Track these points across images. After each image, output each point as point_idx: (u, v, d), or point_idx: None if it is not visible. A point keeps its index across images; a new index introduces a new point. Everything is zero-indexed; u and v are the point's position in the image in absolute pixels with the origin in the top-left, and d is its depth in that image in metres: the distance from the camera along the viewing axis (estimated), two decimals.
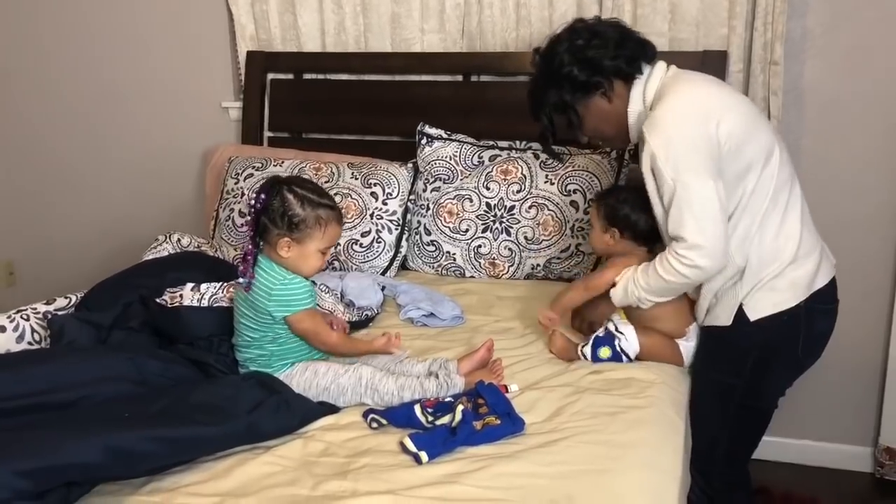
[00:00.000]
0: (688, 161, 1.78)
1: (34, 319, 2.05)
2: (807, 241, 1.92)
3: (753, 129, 1.86)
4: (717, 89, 1.92)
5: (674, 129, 1.81)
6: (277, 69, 3.03)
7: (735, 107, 1.87)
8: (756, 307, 1.90)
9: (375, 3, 2.86)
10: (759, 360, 1.94)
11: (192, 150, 3.24)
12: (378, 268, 2.60)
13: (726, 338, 1.95)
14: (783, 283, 1.89)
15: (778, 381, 2.03)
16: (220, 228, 2.76)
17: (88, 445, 1.45)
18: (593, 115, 1.96)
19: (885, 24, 2.47)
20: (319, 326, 1.86)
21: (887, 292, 2.64)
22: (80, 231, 3.48)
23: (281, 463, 1.58)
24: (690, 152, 1.79)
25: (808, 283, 1.91)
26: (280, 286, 1.81)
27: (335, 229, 1.86)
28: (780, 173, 1.89)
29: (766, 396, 2.04)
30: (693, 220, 1.79)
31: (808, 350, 2.00)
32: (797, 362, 2.02)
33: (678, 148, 1.79)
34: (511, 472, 1.51)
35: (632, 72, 1.93)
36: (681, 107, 1.83)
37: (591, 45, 1.91)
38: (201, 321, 2.01)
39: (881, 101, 2.52)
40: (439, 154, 2.68)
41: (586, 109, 1.95)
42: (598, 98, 1.94)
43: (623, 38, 1.94)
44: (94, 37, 3.25)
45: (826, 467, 2.81)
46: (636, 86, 1.93)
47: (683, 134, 1.80)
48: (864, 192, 2.60)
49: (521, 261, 2.54)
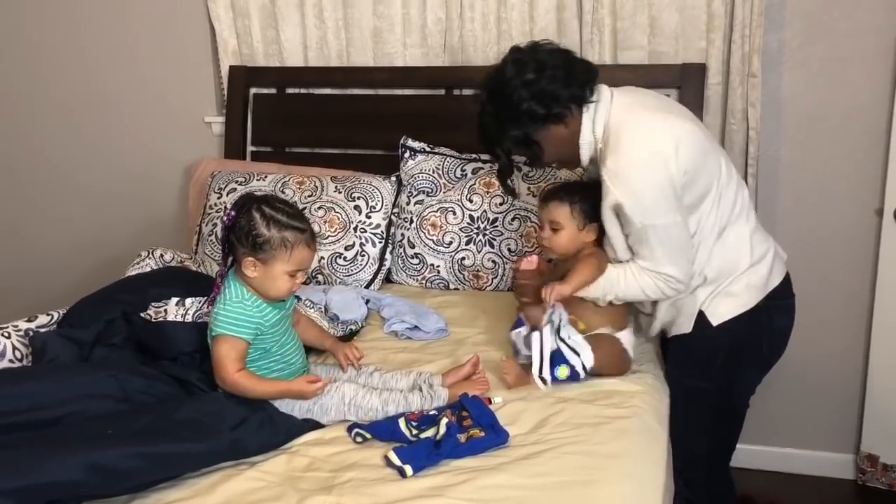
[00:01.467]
0: (655, 207, 1.83)
1: (15, 337, 2.03)
2: (758, 245, 1.99)
3: (704, 157, 1.89)
4: (668, 127, 1.88)
5: (637, 180, 1.83)
6: (260, 84, 3.03)
7: (686, 142, 1.86)
8: (717, 312, 1.96)
9: (357, 17, 2.87)
10: (727, 362, 2.00)
11: (174, 164, 3.23)
12: (362, 281, 2.60)
13: (692, 343, 2.00)
14: (739, 286, 1.96)
15: (747, 381, 2.10)
16: (203, 243, 2.76)
17: (71, 463, 1.45)
18: (552, 143, 1.94)
19: (860, 37, 2.51)
20: (230, 362, 1.74)
21: (866, 301, 2.67)
22: (62, 247, 3.46)
23: (265, 478, 1.58)
24: (658, 198, 1.83)
25: (763, 284, 1.97)
26: (231, 304, 1.77)
27: (302, 252, 1.77)
28: (729, 192, 1.95)
29: (737, 397, 2.10)
30: (666, 255, 1.87)
31: (772, 346, 2.08)
32: (763, 360, 2.09)
33: (644, 196, 1.83)
34: (495, 484, 1.52)
35: (585, 96, 1.91)
36: (638, 154, 1.84)
37: (544, 77, 1.88)
38: (185, 336, 2.00)
39: (858, 112, 2.56)
40: (422, 167, 2.69)
41: (546, 140, 1.93)
42: (555, 128, 1.92)
43: (569, 64, 1.92)
44: (76, 52, 3.24)
45: (809, 475, 2.83)
46: (585, 116, 1.92)
47: (647, 183, 1.82)
48: (841, 201, 2.63)
49: (505, 272, 2.55)
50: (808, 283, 2.69)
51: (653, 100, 1.99)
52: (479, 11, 2.75)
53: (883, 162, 2.56)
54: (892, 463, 2.72)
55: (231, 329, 1.76)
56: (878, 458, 2.73)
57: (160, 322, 2.06)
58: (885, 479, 2.73)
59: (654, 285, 1.91)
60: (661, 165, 1.82)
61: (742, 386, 2.09)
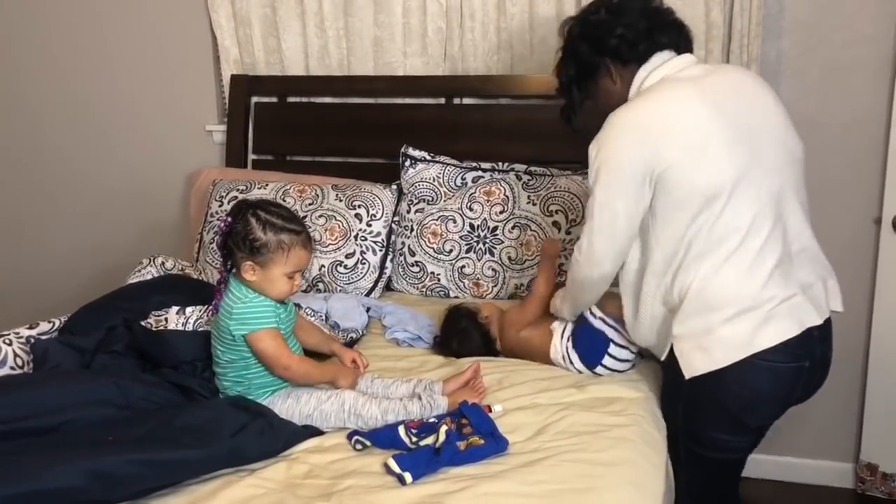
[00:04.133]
0: (605, 176, 1.76)
1: (17, 344, 2.04)
2: (746, 297, 1.70)
3: (696, 167, 1.69)
4: (683, 111, 1.72)
5: (607, 141, 1.77)
6: (261, 92, 3.05)
7: (685, 137, 1.70)
8: (690, 364, 1.73)
9: (358, 27, 2.89)
10: (687, 405, 1.82)
11: (176, 173, 3.24)
12: (363, 289, 2.61)
13: (667, 371, 1.90)
14: (711, 342, 1.71)
15: (710, 433, 1.82)
16: (205, 251, 2.77)
17: (72, 470, 1.45)
18: (603, 93, 1.91)
19: (858, 46, 2.52)
20: (280, 349, 1.81)
21: (864, 309, 2.67)
22: (63, 254, 3.46)
23: (265, 485, 1.58)
24: (612, 169, 1.75)
25: (744, 343, 1.69)
26: (240, 304, 1.81)
27: (299, 254, 1.82)
28: (728, 218, 1.70)
29: (708, 446, 1.84)
30: (589, 228, 1.82)
31: (746, 408, 1.77)
32: (732, 418, 1.78)
33: (603, 160, 1.76)
34: (495, 492, 1.52)
35: (631, 57, 1.84)
36: (626, 121, 1.76)
37: (600, 22, 1.86)
38: (186, 345, 2.01)
39: (856, 121, 2.57)
40: (423, 176, 2.70)
41: (597, 86, 1.92)
42: (603, 77, 1.89)
43: (637, 20, 1.84)
44: (78, 60, 3.26)
45: (808, 483, 2.83)
46: (637, 75, 1.84)
47: (614, 149, 1.75)
48: (839, 210, 2.64)
49: (505, 281, 2.56)
50: None
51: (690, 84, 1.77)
52: (479, 21, 2.77)
53: (881, 170, 2.57)
54: (892, 472, 2.72)
55: (259, 323, 1.80)
56: (878, 467, 2.73)
57: (161, 331, 2.07)
58: (885, 487, 2.73)
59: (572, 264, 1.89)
60: (637, 142, 1.72)
61: (706, 435, 1.82)
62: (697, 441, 1.85)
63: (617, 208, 1.77)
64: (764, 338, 1.70)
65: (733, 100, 1.78)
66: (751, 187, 1.72)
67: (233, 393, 1.87)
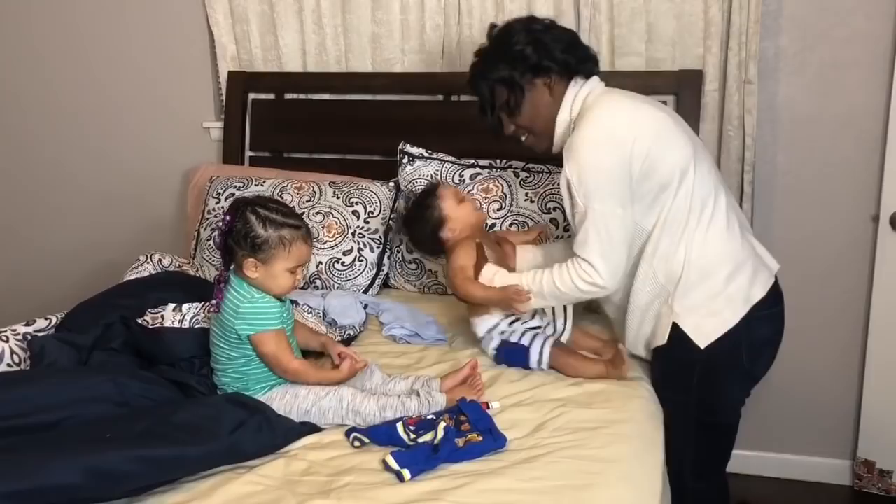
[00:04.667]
0: (599, 189, 1.83)
1: (14, 341, 2.04)
2: (734, 253, 1.92)
3: (666, 149, 1.87)
4: (633, 111, 1.91)
5: (587, 158, 1.84)
6: (258, 89, 3.04)
7: (648, 128, 1.87)
8: (703, 332, 1.90)
9: (356, 23, 2.88)
10: (704, 374, 1.93)
11: (173, 169, 3.24)
12: (360, 286, 2.60)
13: (669, 355, 1.96)
14: (719, 303, 1.90)
15: (728, 394, 2.01)
16: (202, 248, 2.76)
17: (69, 467, 1.45)
18: (533, 101, 1.97)
19: (856, 43, 2.52)
20: (282, 352, 1.83)
21: (862, 306, 2.68)
22: (60, 251, 3.46)
23: (263, 482, 1.58)
24: (602, 181, 1.83)
25: (745, 297, 1.91)
26: (247, 304, 1.81)
27: (300, 248, 1.83)
28: (699, 189, 1.90)
29: (720, 410, 2.02)
30: (598, 244, 1.84)
31: (754, 358, 1.98)
32: (745, 373, 2.00)
33: (590, 176, 1.83)
34: (493, 488, 1.52)
35: (577, 71, 1.96)
36: (595, 134, 1.86)
37: (547, 34, 1.97)
38: (183, 343, 2.01)
39: (853, 118, 2.57)
40: (420, 173, 2.69)
41: (528, 94, 1.96)
42: (541, 86, 1.96)
43: (575, 43, 2.00)
44: (75, 57, 3.25)
45: (805, 480, 2.84)
46: (570, 91, 1.96)
47: (596, 163, 1.84)
48: (837, 207, 2.64)
49: None
50: (804, 289, 2.71)
51: (631, 95, 1.98)
52: (477, 17, 2.77)
53: (879, 168, 2.57)
54: (889, 469, 2.72)
55: (264, 325, 1.81)
56: (875, 464, 2.73)
57: (158, 328, 2.06)
58: (882, 484, 2.74)
59: (568, 281, 1.88)
60: (614, 149, 1.83)
61: (723, 399, 2.00)
62: (712, 411, 1.98)
63: (620, 215, 1.85)
64: (757, 289, 1.92)
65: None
66: (702, 161, 1.94)
67: (231, 389, 1.87)
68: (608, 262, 1.85)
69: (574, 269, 1.88)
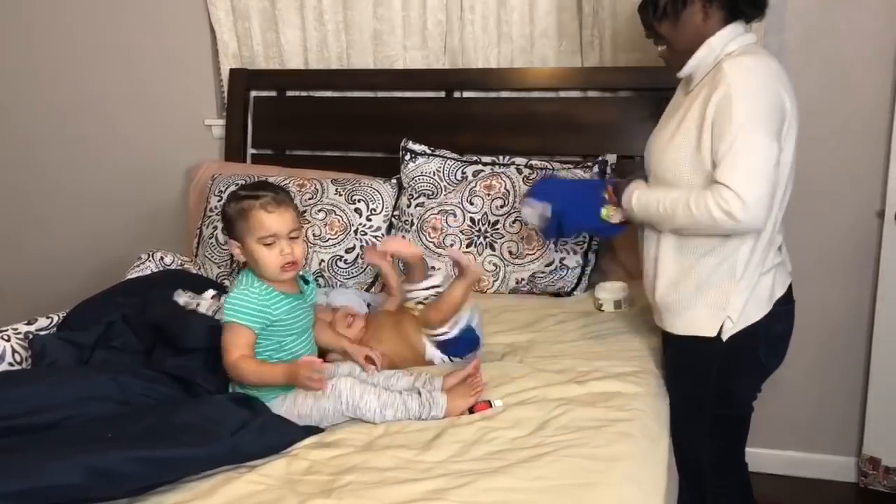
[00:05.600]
0: (760, 115, 1.74)
1: (15, 340, 2.04)
2: (771, 249, 1.94)
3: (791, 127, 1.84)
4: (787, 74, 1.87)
5: (758, 80, 1.76)
6: (260, 86, 3.03)
7: (793, 96, 1.84)
8: (729, 327, 1.90)
9: (358, 20, 2.87)
10: (723, 368, 1.95)
11: (175, 167, 3.23)
12: (363, 283, 2.60)
13: (688, 345, 1.95)
14: (750, 300, 1.89)
15: (745, 387, 2.04)
16: (204, 246, 2.76)
17: (71, 466, 1.45)
18: (685, 18, 1.87)
19: (860, 39, 2.51)
20: (229, 345, 1.77)
21: (867, 302, 2.66)
22: (61, 250, 3.46)
23: (265, 482, 1.57)
24: (765, 108, 1.75)
25: (769, 297, 1.92)
26: (234, 292, 1.82)
27: (259, 215, 1.78)
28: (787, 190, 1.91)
29: (736, 403, 2.04)
30: (746, 172, 1.72)
31: (770, 353, 2.00)
32: (760, 367, 2.01)
33: (757, 99, 1.75)
34: (496, 487, 1.51)
35: (738, 12, 1.87)
36: (768, 66, 1.80)
37: None
38: (206, 332, 1.99)
39: (858, 114, 2.56)
40: (423, 170, 2.69)
41: (687, 9, 1.87)
42: (699, 7, 1.86)
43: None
44: (77, 54, 3.25)
45: (810, 478, 2.82)
46: (729, 28, 1.86)
47: (766, 89, 1.76)
48: (842, 204, 2.63)
49: (506, 275, 2.55)
50: (810, 286, 2.68)
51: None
52: (479, 13, 2.76)
53: (884, 164, 2.55)
54: (894, 465, 2.71)
55: (235, 316, 1.79)
56: (880, 461, 2.72)
57: (192, 311, 2.09)
58: (888, 482, 2.73)
59: (704, 205, 1.75)
60: (779, 90, 1.78)
61: (740, 392, 2.04)
62: (729, 402, 1.99)
63: (774, 151, 1.75)
64: (777, 289, 1.93)
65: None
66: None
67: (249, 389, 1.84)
68: (752, 193, 1.71)
69: (713, 194, 1.74)
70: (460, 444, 1.68)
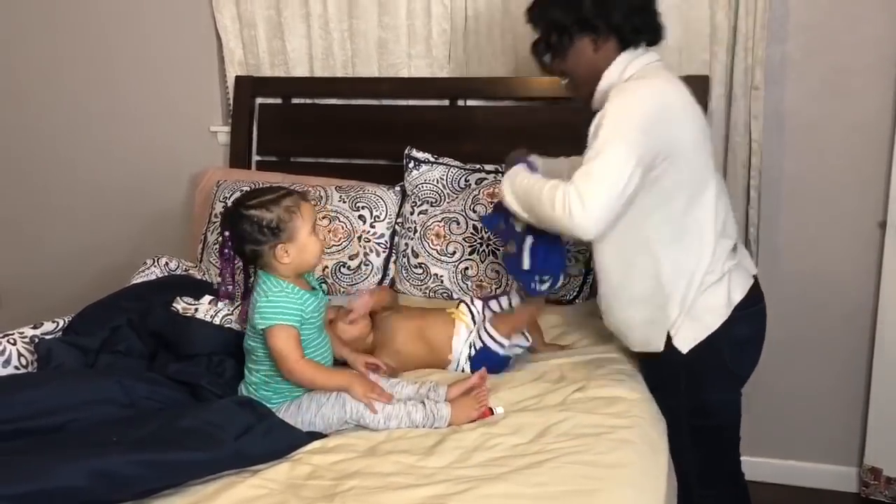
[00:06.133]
0: (628, 135, 1.75)
1: (21, 343, 2.05)
2: (722, 261, 1.91)
3: (701, 147, 1.86)
4: (689, 96, 1.88)
5: (634, 103, 1.79)
6: (266, 94, 3.05)
7: (695, 118, 1.86)
8: (686, 338, 1.90)
9: (363, 28, 2.89)
10: (690, 378, 1.94)
11: (180, 173, 3.25)
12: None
13: (654, 361, 1.97)
14: (703, 310, 1.89)
15: (717, 396, 1.98)
16: (208, 252, 2.77)
17: (75, 470, 1.45)
18: (577, 51, 1.91)
19: (863, 49, 2.52)
20: (290, 349, 1.78)
21: (869, 313, 2.67)
22: (67, 254, 3.47)
23: (268, 486, 1.58)
24: (635, 129, 1.75)
25: (725, 303, 1.90)
26: (264, 298, 1.80)
27: (306, 207, 1.85)
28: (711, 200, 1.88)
29: (712, 412, 1.99)
30: (596, 178, 1.73)
31: (737, 359, 1.97)
32: (730, 373, 1.98)
33: (628, 120, 1.76)
34: (497, 494, 1.52)
35: (630, 41, 1.89)
36: (651, 91, 1.82)
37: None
38: (207, 337, 2.02)
39: (860, 124, 2.57)
40: (426, 177, 2.70)
41: (576, 43, 1.91)
42: (588, 40, 1.90)
43: (644, 8, 1.92)
44: (83, 60, 3.27)
45: (811, 487, 2.82)
46: (624, 56, 1.89)
47: (640, 113, 1.77)
48: (844, 214, 2.64)
49: (509, 282, 2.56)
50: (811, 295, 2.70)
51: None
52: (483, 23, 2.77)
53: (886, 174, 2.56)
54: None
55: (282, 318, 1.79)
56: (882, 471, 2.72)
57: (189, 317, 2.09)
58: (889, 492, 2.72)
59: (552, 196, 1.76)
60: (660, 117, 1.78)
61: (713, 401, 1.98)
62: (704, 413, 1.97)
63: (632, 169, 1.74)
64: (735, 294, 1.92)
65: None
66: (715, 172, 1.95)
67: (260, 394, 1.85)
68: (594, 200, 1.72)
69: (563, 189, 1.75)
70: (462, 450, 1.69)
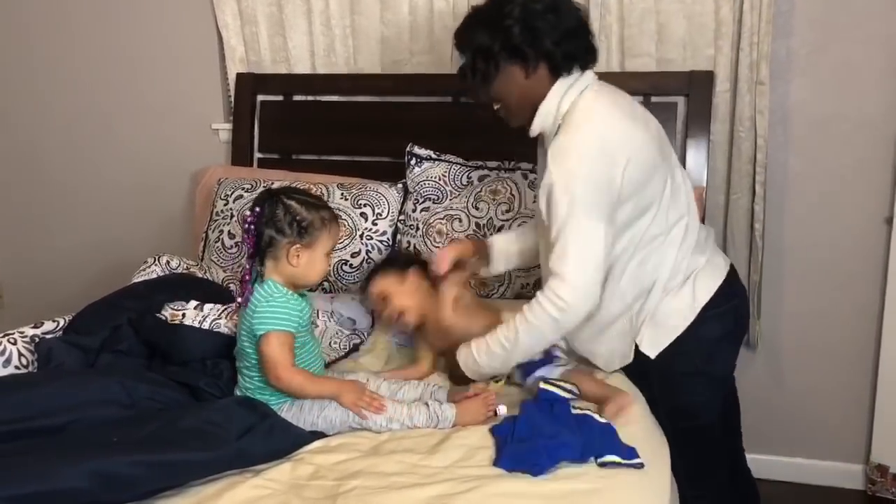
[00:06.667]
0: (585, 201, 1.74)
1: (21, 343, 2.03)
2: (689, 264, 1.90)
3: (653, 174, 1.83)
4: (631, 130, 1.82)
5: (578, 166, 1.75)
6: (267, 91, 3.04)
7: (642, 152, 1.81)
8: (653, 343, 1.89)
9: (365, 25, 2.87)
10: (662, 382, 1.92)
11: (181, 171, 3.24)
12: None
13: (627, 370, 1.97)
14: (669, 314, 1.89)
15: (692, 398, 1.94)
16: (210, 250, 2.76)
17: (76, 471, 1.45)
18: (506, 79, 1.86)
19: (868, 45, 2.50)
20: (281, 357, 1.76)
21: (875, 309, 2.65)
22: (68, 253, 3.46)
23: (270, 486, 1.57)
24: (589, 192, 1.74)
25: (690, 306, 1.89)
26: (265, 303, 1.78)
27: (337, 228, 1.87)
28: (672, 208, 1.88)
29: (693, 414, 1.95)
30: (576, 258, 1.75)
31: (707, 360, 1.94)
32: (701, 373, 1.94)
33: (578, 185, 1.74)
34: (502, 492, 1.51)
35: (562, 68, 1.83)
36: (588, 144, 1.77)
37: (545, 17, 1.81)
38: (199, 343, 2.01)
39: (866, 120, 2.55)
40: (428, 174, 2.68)
41: (504, 70, 1.85)
42: (518, 66, 1.84)
43: (574, 32, 1.84)
44: (84, 58, 3.26)
45: (817, 485, 2.82)
46: (558, 86, 1.84)
47: (587, 173, 1.75)
48: (850, 210, 2.62)
49: (511, 280, 2.54)
50: (817, 292, 2.69)
51: (628, 105, 1.89)
52: None
53: (892, 170, 2.55)
54: None
55: (279, 324, 1.77)
56: (888, 469, 2.71)
57: (176, 324, 2.06)
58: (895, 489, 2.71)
59: (539, 309, 1.77)
60: (607, 167, 1.75)
61: (691, 402, 1.94)
62: (684, 416, 1.92)
63: (603, 233, 1.76)
64: (701, 295, 1.90)
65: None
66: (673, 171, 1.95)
67: (258, 396, 1.84)
68: (584, 279, 1.75)
69: (544, 294, 1.78)
70: (465, 449, 1.68)
